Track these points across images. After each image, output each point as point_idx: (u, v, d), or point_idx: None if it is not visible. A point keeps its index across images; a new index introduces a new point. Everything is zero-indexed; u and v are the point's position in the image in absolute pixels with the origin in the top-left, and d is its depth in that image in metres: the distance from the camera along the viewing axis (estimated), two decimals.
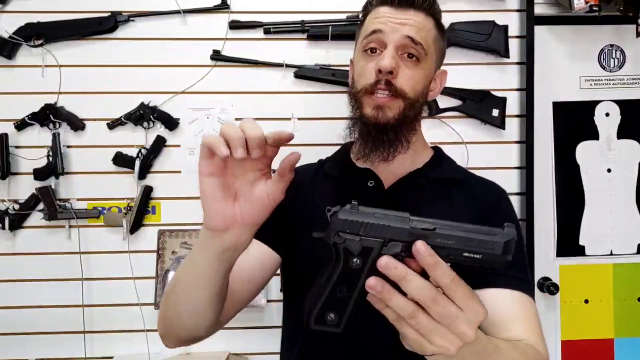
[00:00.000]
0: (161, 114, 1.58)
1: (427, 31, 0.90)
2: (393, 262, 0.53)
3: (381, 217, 0.56)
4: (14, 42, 1.55)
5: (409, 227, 0.56)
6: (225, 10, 1.59)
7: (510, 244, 0.55)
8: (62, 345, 1.58)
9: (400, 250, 0.55)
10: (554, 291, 1.62)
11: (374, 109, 0.88)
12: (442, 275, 0.53)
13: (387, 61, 0.85)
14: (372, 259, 0.56)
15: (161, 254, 1.59)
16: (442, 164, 0.99)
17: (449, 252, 0.55)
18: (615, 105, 1.69)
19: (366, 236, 0.56)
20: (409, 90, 0.87)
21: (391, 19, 0.88)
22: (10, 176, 1.57)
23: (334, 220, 0.57)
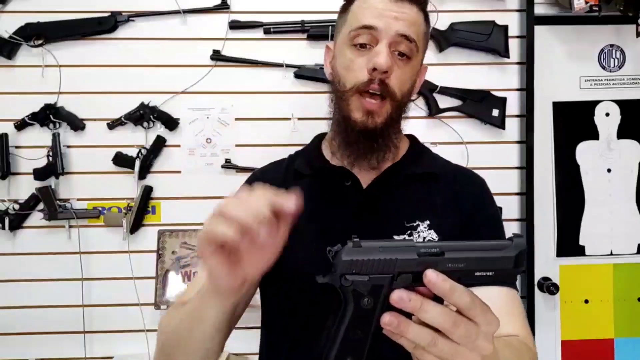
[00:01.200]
0: (161, 114, 1.58)
1: (419, 26, 0.85)
2: (406, 294, 0.51)
3: (387, 250, 0.54)
4: (14, 42, 1.55)
5: (417, 256, 0.53)
6: (225, 10, 1.59)
7: (522, 256, 0.53)
8: (62, 345, 1.58)
9: (411, 281, 0.53)
10: (554, 291, 1.62)
11: (363, 114, 0.83)
12: (460, 297, 0.51)
13: (384, 59, 0.80)
14: (383, 295, 0.53)
15: (161, 254, 1.59)
16: (419, 156, 0.95)
17: (460, 274, 0.53)
18: (615, 105, 1.69)
19: (374, 274, 0.53)
20: (398, 90, 0.84)
21: (385, 11, 0.82)
22: (10, 176, 1.57)
23: (337, 262, 0.54)
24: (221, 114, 1.61)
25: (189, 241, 1.59)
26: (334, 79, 0.89)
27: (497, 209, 0.96)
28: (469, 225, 0.87)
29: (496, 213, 0.94)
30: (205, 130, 1.60)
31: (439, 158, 0.99)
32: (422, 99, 1.63)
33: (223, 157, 1.60)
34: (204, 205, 1.59)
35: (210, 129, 1.61)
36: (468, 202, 0.89)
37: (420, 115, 1.63)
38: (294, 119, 1.60)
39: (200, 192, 1.60)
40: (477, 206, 0.90)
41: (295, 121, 1.60)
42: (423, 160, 0.94)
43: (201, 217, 1.31)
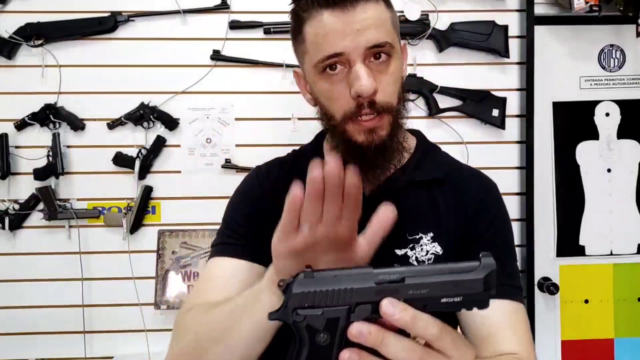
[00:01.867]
0: (161, 114, 1.58)
1: (385, 21, 0.76)
2: (365, 327, 0.46)
3: (342, 280, 0.48)
4: (14, 42, 1.55)
5: (374, 284, 0.48)
6: (225, 10, 1.58)
7: (491, 277, 0.48)
8: (62, 345, 1.58)
9: (371, 312, 0.48)
10: (554, 291, 1.62)
11: (365, 134, 0.76)
12: (426, 327, 0.46)
13: (366, 85, 0.72)
14: (340, 329, 0.48)
15: (161, 254, 1.59)
16: (426, 158, 0.89)
17: (425, 302, 0.47)
18: (615, 105, 1.69)
19: (329, 306, 0.48)
20: (392, 99, 0.77)
21: (345, 28, 0.72)
22: (10, 176, 1.57)
23: (289, 296, 0.49)
24: (221, 114, 1.61)
25: (189, 241, 1.59)
26: (319, 108, 0.83)
27: (507, 217, 0.88)
28: (470, 234, 0.81)
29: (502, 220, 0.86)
30: (205, 130, 1.60)
31: (447, 158, 0.93)
32: (422, 99, 1.63)
33: (223, 157, 1.60)
34: (204, 205, 1.59)
35: (210, 129, 1.61)
36: (472, 208, 0.83)
37: (420, 115, 1.63)
38: (294, 119, 1.60)
39: (200, 192, 1.60)
40: (480, 212, 0.83)
41: (295, 121, 1.60)
42: (430, 163, 0.88)
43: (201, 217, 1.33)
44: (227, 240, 0.85)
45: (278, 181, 0.88)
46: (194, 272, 1.58)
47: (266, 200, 0.85)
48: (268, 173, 0.93)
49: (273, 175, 0.91)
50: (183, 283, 1.58)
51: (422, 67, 1.62)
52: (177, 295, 1.57)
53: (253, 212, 0.86)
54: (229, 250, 0.83)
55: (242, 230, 0.85)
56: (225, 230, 0.87)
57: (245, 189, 0.92)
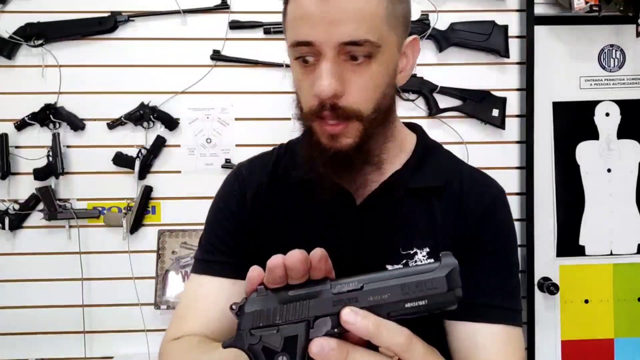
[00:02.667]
0: (161, 114, 1.58)
1: (373, 14, 0.64)
2: (327, 343, 0.42)
3: (297, 294, 0.46)
4: (14, 42, 1.55)
5: (331, 294, 0.45)
6: (225, 10, 1.58)
7: (454, 275, 0.45)
8: (62, 345, 1.59)
9: (332, 327, 0.44)
10: (554, 291, 1.62)
11: (328, 139, 0.69)
12: (391, 336, 0.42)
13: (325, 85, 0.63)
14: (300, 349, 0.44)
15: (161, 254, 1.59)
16: (425, 162, 0.79)
17: (388, 308, 0.44)
18: (615, 105, 1.69)
19: (285, 323, 0.45)
20: (363, 106, 0.67)
21: (319, 17, 0.63)
22: (10, 176, 1.57)
23: (241, 317, 0.46)
24: (221, 114, 1.61)
25: (189, 241, 1.59)
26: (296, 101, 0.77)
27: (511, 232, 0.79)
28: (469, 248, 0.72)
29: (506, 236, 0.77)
30: (205, 130, 1.60)
31: (448, 160, 0.83)
32: (422, 99, 1.63)
33: (223, 157, 1.60)
34: (204, 205, 1.57)
35: (210, 129, 1.61)
36: (472, 220, 0.74)
37: (420, 115, 1.63)
38: (294, 119, 1.60)
39: (200, 192, 1.59)
40: (482, 224, 0.74)
41: (295, 121, 1.59)
42: (428, 168, 0.78)
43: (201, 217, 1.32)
44: (208, 257, 0.80)
45: (259, 189, 0.81)
46: None
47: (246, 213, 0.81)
48: (250, 176, 0.85)
49: (255, 180, 0.84)
50: (183, 283, 1.58)
51: (422, 67, 1.62)
52: (177, 295, 1.57)
53: (233, 227, 0.81)
54: (211, 268, 0.79)
55: (223, 246, 0.80)
56: (207, 245, 0.82)
57: (225, 199, 0.86)
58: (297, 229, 0.77)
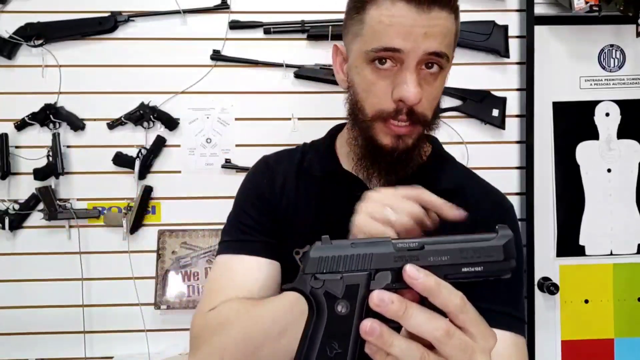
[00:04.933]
0: (161, 114, 1.58)
1: (451, 33, 0.73)
2: (388, 295, 0.43)
3: (360, 246, 0.47)
4: (14, 42, 1.55)
5: (393, 250, 0.47)
6: (225, 10, 1.58)
7: (510, 246, 0.47)
8: (62, 345, 1.58)
9: (391, 281, 0.46)
10: (554, 291, 1.62)
11: (392, 139, 0.74)
12: (449, 296, 0.43)
13: (413, 93, 0.69)
14: (360, 297, 0.46)
15: (161, 254, 1.59)
16: (439, 168, 0.85)
17: (446, 270, 0.46)
18: (615, 105, 1.69)
19: (348, 271, 0.47)
20: (429, 112, 0.75)
21: (413, 28, 0.68)
22: (10, 176, 1.57)
23: (306, 262, 0.47)
24: (221, 114, 1.61)
25: (189, 241, 1.59)
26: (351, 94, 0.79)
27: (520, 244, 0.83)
28: None
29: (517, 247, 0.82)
30: (205, 130, 1.60)
31: (461, 170, 0.89)
32: None
33: (223, 157, 1.60)
34: (204, 205, 1.59)
35: (210, 129, 1.61)
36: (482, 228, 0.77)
37: None
38: (294, 119, 1.60)
39: (200, 192, 1.60)
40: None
41: (295, 121, 1.60)
42: (442, 173, 0.84)
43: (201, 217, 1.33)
44: (245, 237, 0.82)
45: (285, 175, 0.87)
46: (194, 272, 1.58)
47: (276, 198, 0.85)
48: (276, 164, 0.90)
49: (281, 168, 0.88)
50: (183, 283, 1.58)
51: None
52: (177, 295, 1.57)
53: (267, 210, 0.84)
54: (248, 247, 0.81)
55: (259, 226, 0.83)
56: (241, 226, 0.84)
57: (256, 183, 0.89)
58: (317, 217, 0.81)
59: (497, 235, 0.48)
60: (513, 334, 0.73)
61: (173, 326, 1.59)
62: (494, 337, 0.45)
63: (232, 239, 0.84)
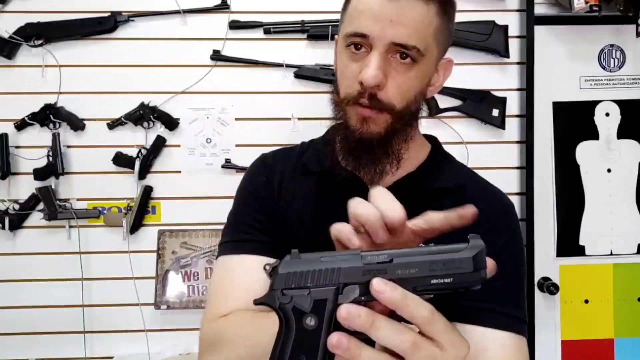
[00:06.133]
0: (161, 114, 1.58)
1: (426, 26, 0.72)
2: (355, 309, 0.44)
3: (329, 261, 0.48)
4: (14, 42, 1.55)
5: (361, 264, 0.47)
6: (225, 10, 1.58)
7: (481, 257, 0.47)
8: (62, 345, 1.58)
9: (359, 294, 0.46)
10: (554, 291, 1.62)
11: (358, 122, 0.75)
12: (416, 309, 0.44)
13: (371, 74, 0.70)
14: (328, 312, 0.46)
15: (161, 254, 1.59)
16: (439, 167, 0.85)
17: (414, 283, 0.46)
18: (615, 105, 1.69)
19: (315, 286, 0.47)
20: (397, 102, 0.74)
21: (381, 14, 0.70)
22: (10, 176, 1.57)
23: (275, 277, 0.48)
24: (221, 114, 1.61)
25: (189, 241, 1.59)
26: (335, 86, 0.82)
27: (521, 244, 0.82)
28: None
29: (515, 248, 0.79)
30: (205, 130, 1.60)
31: (462, 169, 0.89)
32: None
33: (223, 157, 1.60)
34: (204, 205, 1.59)
35: (210, 129, 1.61)
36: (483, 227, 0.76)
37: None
38: (294, 119, 1.60)
39: (200, 192, 1.60)
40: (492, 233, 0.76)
41: (295, 121, 1.60)
42: (442, 172, 0.84)
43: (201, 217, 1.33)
44: (245, 236, 0.83)
45: (282, 173, 0.87)
46: (194, 272, 1.58)
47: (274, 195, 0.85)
48: (274, 162, 0.90)
49: (278, 166, 0.89)
50: (183, 283, 1.58)
51: None
52: (177, 295, 1.57)
53: (264, 209, 0.84)
54: (248, 247, 0.81)
55: (259, 225, 0.83)
56: (241, 226, 0.84)
57: (253, 181, 0.90)
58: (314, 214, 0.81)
59: (467, 246, 0.48)
60: (514, 334, 0.73)
61: (173, 326, 1.59)
62: (466, 345, 0.46)
63: (232, 239, 0.84)
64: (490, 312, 0.71)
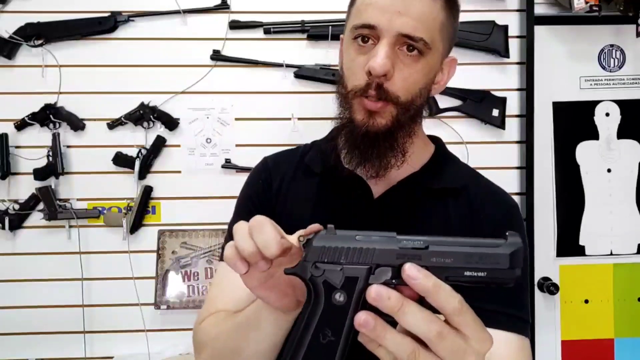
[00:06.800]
0: (161, 114, 1.58)
1: (433, 20, 0.73)
2: (385, 291, 0.44)
3: (364, 240, 0.47)
4: (14, 42, 1.55)
5: (397, 247, 0.47)
6: (225, 10, 1.58)
7: (518, 255, 0.47)
8: (62, 345, 1.58)
9: (391, 277, 0.47)
10: (554, 291, 1.62)
11: (364, 115, 0.74)
12: (447, 298, 0.44)
13: (379, 62, 0.70)
14: (358, 290, 0.46)
15: (161, 254, 1.59)
16: (443, 167, 0.84)
17: (448, 273, 0.46)
18: (615, 105, 1.69)
19: (349, 264, 0.47)
20: (402, 94, 0.74)
21: (388, 6, 0.71)
22: (10, 176, 1.57)
23: (308, 249, 0.48)
24: (221, 114, 1.61)
25: (189, 241, 1.59)
26: (341, 80, 0.81)
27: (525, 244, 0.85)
28: None
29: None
30: (205, 130, 1.60)
31: (465, 170, 0.89)
32: None
33: (223, 157, 1.60)
34: (204, 205, 1.59)
35: (210, 129, 1.61)
36: (488, 226, 0.77)
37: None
38: (294, 119, 1.60)
39: (200, 192, 1.60)
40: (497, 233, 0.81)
41: (295, 121, 1.60)
42: (445, 172, 0.83)
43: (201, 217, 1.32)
44: None
45: (284, 178, 0.87)
46: (194, 272, 1.58)
47: (273, 199, 0.85)
48: (275, 166, 0.90)
49: (280, 169, 0.89)
50: (183, 283, 1.58)
51: None
52: (177, 295, 1.57)
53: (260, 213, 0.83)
54: None
55: None
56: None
57: (252, 185, 0.90)
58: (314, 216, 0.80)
59: (505, 243, 0.47)
60: (517, 335, 0.73)
61: (173, 326, 1.59)
62: (490, 340, 0.46)
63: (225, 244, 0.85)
64: (493, 313, 0.71)
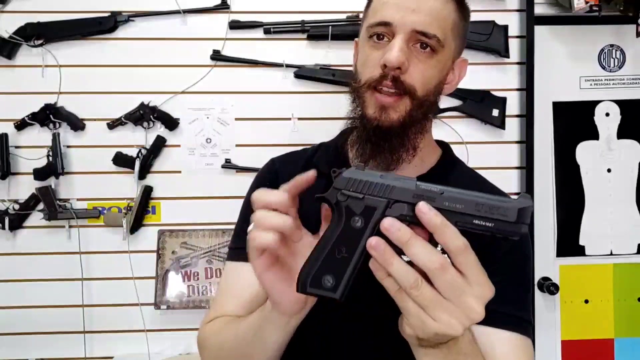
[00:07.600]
0: (161, 114, 1.58)
1: (445, 18, 0.76)
2: (397, 223, 0.49)
3: (387, 178, 0.54)
4: (14, 42, 1.55)
5: (414, 188, 0.53)
6: (225, 10, 1.58)
7: (526, 212, 0.50)
8: (62, 345, 1.58)
9: (405, 213, 0.52)
10: (554, 291, 1.62)
11: (377, 110, 0.75)
12: (452, 237, 0.48)
13: (395, 55, 0.71)
14: (374, 219, 0.53)
15: (161, 254, 1.59)
16: (450, 171, 0.86)
17: (458, 218, 0.51)
18: (615, 105, 1.69)
19: (370, 195, 0.54)
20: (419, 87, 0.75)
21: (403, 3, 0.73)
22: (10, 176, 1.57)
23: (338, 179, 0.56)
24: (221, 114, 1.61)
25: (189, 241, 1.59)
26: (354, 77, 0.82)
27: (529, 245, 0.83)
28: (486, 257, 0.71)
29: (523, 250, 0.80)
30: (205, 130, 1.60)
31: (471, 174, 0.90)
32: None
33: (223, 157, 1.60)
34: (204, 205, 1.59)
35: (210, 129, 1.61)
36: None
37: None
38: (294, 119, 1.60)
39: (200, 192, 1.60)
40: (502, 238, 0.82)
41: (295, 121, 1.60)
42: (452, 176, 0.84)
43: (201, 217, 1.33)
44: (241, 244, 0.82)
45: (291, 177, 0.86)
46: (194, 272, 1.58)
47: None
48: (283, 167, 0.91)
49: (287, 170, 0.88)
50: (183, 283, 1.58)
51: None
52: (177, 295, 1.57)
53: None
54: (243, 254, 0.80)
55: None
56: (240, 232, 0.86)
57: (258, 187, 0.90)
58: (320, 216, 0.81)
59: (516, 199, 0.51)
60: (519, 334, 0.74)
61: (173, 326, 1.59)
62: (491, 289, 0.49)
63: (233, 246, 0.88)
64: (496, 313, 0.70)
